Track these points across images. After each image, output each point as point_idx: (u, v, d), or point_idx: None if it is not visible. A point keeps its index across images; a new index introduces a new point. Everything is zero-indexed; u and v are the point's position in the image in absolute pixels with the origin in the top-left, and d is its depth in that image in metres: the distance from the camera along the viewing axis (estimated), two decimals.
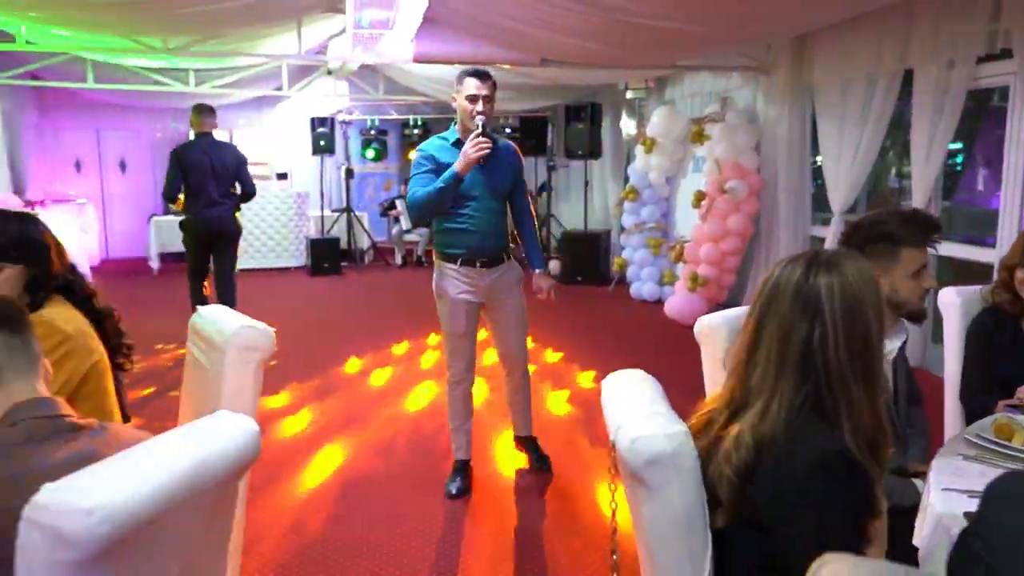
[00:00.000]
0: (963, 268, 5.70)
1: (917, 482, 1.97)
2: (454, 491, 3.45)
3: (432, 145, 3.38)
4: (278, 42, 7.16)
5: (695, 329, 2.23)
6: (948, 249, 5.46)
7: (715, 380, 2.14)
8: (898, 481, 1.97)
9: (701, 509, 1.26)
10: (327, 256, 10.24)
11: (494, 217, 3.39)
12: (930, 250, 2.00)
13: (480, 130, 3.20)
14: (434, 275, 3.47)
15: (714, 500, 1.30)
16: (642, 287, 8.28)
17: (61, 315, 1.83)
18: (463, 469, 3.54)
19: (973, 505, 1.47)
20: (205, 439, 1.21)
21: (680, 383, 1.47)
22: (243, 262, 10.48)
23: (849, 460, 1.27)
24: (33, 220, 1.93)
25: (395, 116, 12.02)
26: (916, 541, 1.59)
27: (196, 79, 8.63)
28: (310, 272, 10.27)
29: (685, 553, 1.24)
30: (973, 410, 2.37)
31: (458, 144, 3.31)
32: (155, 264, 10.14)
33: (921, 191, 5.42)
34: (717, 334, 2.16)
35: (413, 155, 3.41)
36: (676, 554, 1.24)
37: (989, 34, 4.77)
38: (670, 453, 1.22)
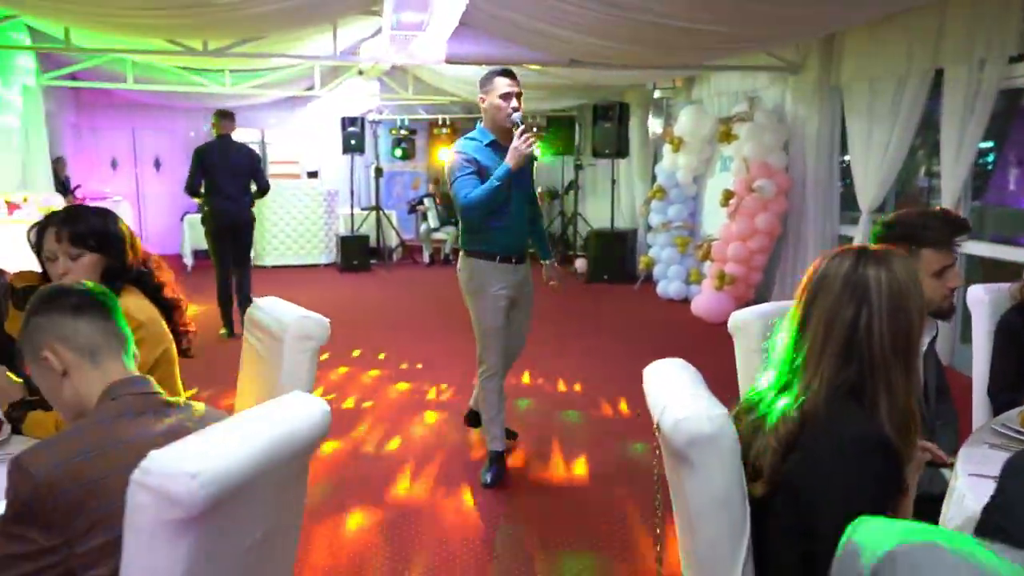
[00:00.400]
0: (993, 267, 5.70)
1: (945, 472, 2.05)
2: (489, 480, 3.52)
3: (470, 147, 3.43)
4: (312, 43, 7.31)
5: (729, 323, 2.32)
6: (978, 248, 5.48)
7: (749, 373, 2.23)
8: (927, 470, 2.04)
9: (740, 485, 1.35)
10: (357, 253, 10.40)
11: (525, 214, 3.55)
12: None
13: (524, 126, 3.30)
14: (464, 273, 3.52)
15: (756, 471, 1.39)
16: (669, 285, 8.34)
17: (135, 304, 1.96)
18: (498, 459, 3.61)
19: None
20: (284, 416, 1.32)
21: (710, 379, 1.55)
22: (274, 259, 10.73)
23: (887, 446, 1.35)
24: (112, 214, 2.08)
25: (424, 116, 12.16)
26: (942, 526, 1.66)
27: (231, 79, 8.81)
28: (340, 269, 10.44)
29: (725, 526, 1.33)
30: (1001, 405, 2.43)
31: (493, 145, 3.42)
32: (189, 261, 10.36)
33: (951, 191, 5.43)
34: (751, 328, 2.25)
35: (450, 157, 3.44)
36: (717, 527, 1.33)
37: (1021, 34, 4.79)
38: (711, 434, 1.31)
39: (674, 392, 1.44)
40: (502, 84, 3.35)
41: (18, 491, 1.19)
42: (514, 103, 3.33)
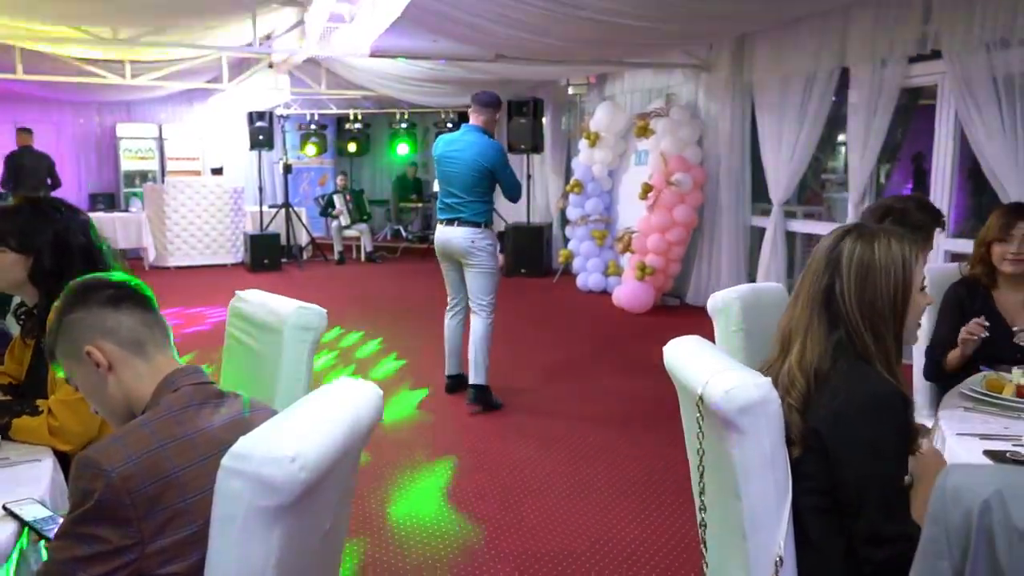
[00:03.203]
0: None
1: None
2: (500, 403, 4.54)
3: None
4: (225, 34, 7.05)
5: (709, 305, 2.41)
6: None
7: (729, 352, 2.33)
8: None
9: (783, 447, 1.44)
10: (267, 252, 10.11)
11: None
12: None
13: None
14: (487, 240, 4.45)
15: (787, 437, 1.49)
16: (588, 278, 8.52)
17: None
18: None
19: (988, 445, 1.71)
20: (350, 400, 1.31)
21: (644, 362, 1.65)
22: (177, 259, 10.28)
23: (904, 399, 1.48)
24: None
25: (334, 111, 11.92)
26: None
27: (132, 71, 8.38)
28: (249, 269, 10.11)
29: (772, 484, 1.42)
30: (933, 363, 2.64)
31: None
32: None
33: (857, 184, 5.80)
34: (730, 309, 2.34)
35: (502, 151, 4.56)
36: (765, 487, 1.41)
37: (921, 36, 5.16)
38: (760, 400, 1.39)
39: (710, 366, 1.51)
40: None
41: (90, 489, 1.12)
42: None
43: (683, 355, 1.65)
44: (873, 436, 1.45)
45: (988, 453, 1.66)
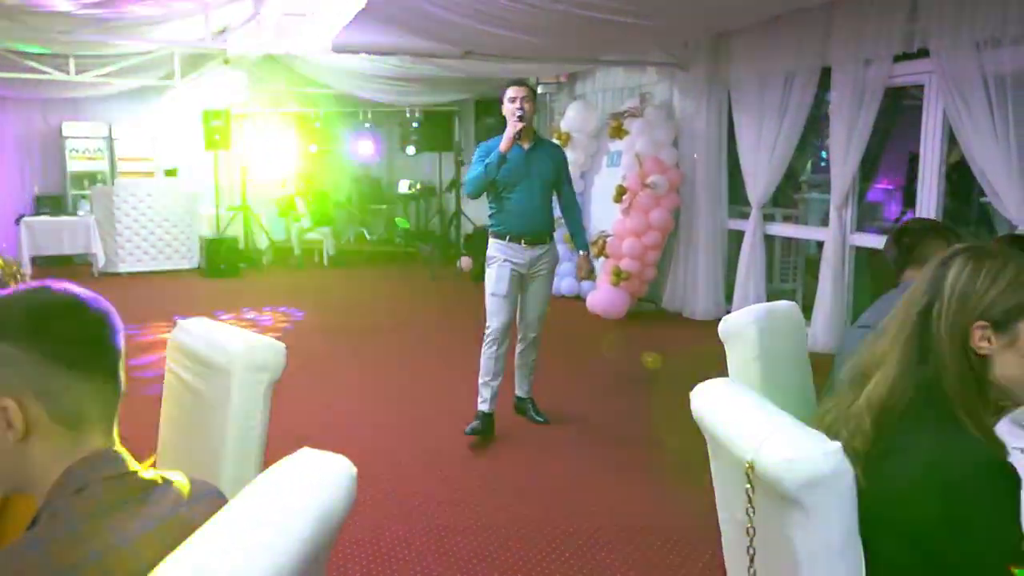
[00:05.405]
0: (872, 257, 5.96)
1: None
2: (468, 429, 4.01)
3: (492, 142, 4.07)
4: (176, 27, 6.63)
5: (720, 329, 2.15)
6: (864, 240, 5.71)
7: (747, 384, 2.07)
8: None
9: (856, 530, 1.17)
10: (224, 257, 9.65)
11: (536, 203, 4.04)
12: None
13: (518, 118, 3.90)
14: (488, 250, 4.13)
15: None
16: (560, 283, 8.23)
17: None
18: (483, 416, 4.07)
19: None
20: (312, 489, 0.99)
21: (620, 374, 1.39)
22: (129, 264, 9.79)
23: (1012, 471, 1.23)
24: None
25: (296, 109, 11.46)
26: None
27: (76, 67, 7.89)
28: (205, 274, 9.65)
29: None
30: None
31: None
32: (27, 269, 9.26)
33: (840, 186, 5.61)
34: (747, 333, 2.08)
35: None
36: None
37: (907, 33, 4.98)
38: (830, 473, 1.12)
39: (760, 424, 1.24)
40: (509, 91, 4.01)
41: None
42: (518, 104, 3.91)
43: (719, 406, 1.38)
44: (997, 504, 1.20)
45: None
